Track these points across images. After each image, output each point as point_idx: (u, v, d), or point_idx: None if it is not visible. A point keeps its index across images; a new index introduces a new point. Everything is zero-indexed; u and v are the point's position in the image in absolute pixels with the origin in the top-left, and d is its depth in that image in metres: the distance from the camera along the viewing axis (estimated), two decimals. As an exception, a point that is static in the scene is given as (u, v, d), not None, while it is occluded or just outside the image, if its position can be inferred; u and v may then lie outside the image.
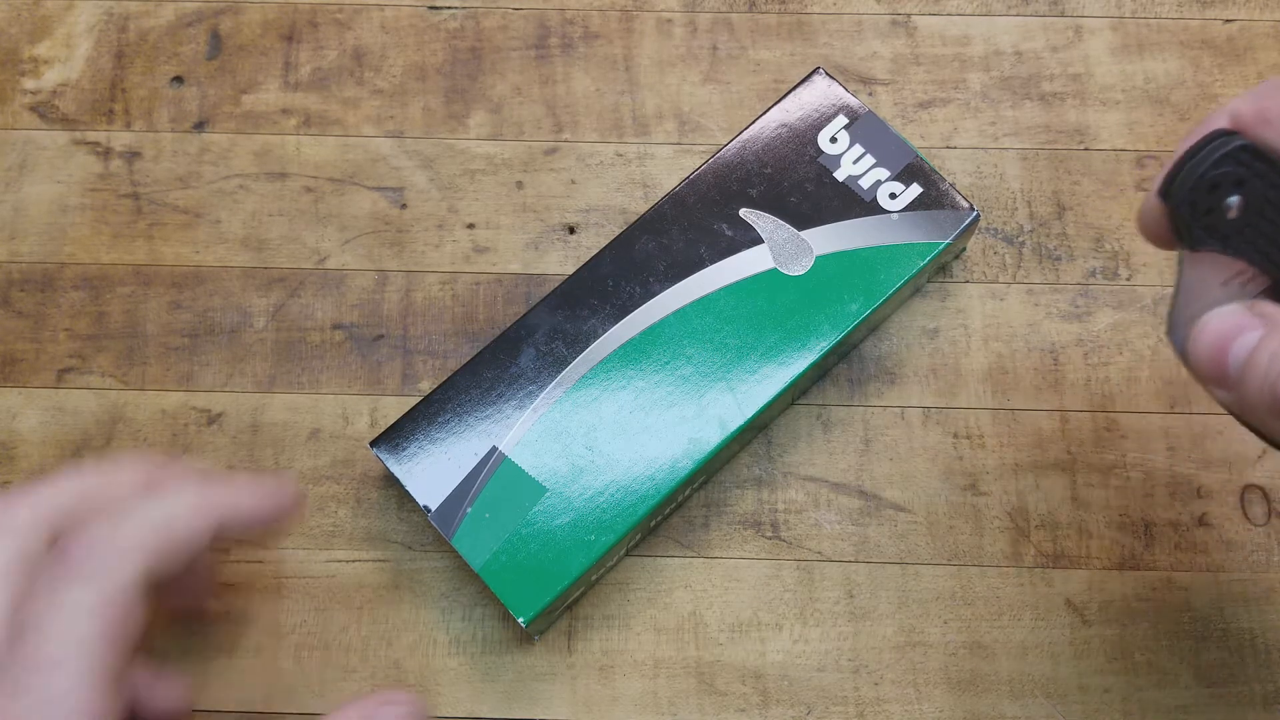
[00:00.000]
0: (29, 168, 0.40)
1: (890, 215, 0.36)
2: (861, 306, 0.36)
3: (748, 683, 0.35)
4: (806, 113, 0.38)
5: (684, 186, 0.37)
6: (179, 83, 0.42)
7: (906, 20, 0.42)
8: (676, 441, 0.34)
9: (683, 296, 0.36)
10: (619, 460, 0.34)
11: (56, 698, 0.24)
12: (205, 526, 0.27)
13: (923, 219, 0.36)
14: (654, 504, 0.34)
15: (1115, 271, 0.39)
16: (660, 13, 0.42)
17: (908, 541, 0.36)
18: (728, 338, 0.35)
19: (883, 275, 0.36)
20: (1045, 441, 0.37)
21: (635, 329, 0.35)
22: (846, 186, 0.37)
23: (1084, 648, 0.35)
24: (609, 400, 0.35)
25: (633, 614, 0.35)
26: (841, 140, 0.37)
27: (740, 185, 0.37)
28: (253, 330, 0.39)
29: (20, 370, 0.38)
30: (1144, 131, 0.40)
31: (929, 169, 0.37)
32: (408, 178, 0.40)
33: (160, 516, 0.26)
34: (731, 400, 0.35)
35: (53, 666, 0.24)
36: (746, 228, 0.36)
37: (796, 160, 0.37)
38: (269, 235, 0.40)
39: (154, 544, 0.26)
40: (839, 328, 0.35)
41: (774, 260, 0.36)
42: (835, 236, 0.36)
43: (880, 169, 0.37)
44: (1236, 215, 0.24)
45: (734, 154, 0.37)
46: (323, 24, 0.42)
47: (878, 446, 0.37)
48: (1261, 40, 0.41)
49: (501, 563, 0.33)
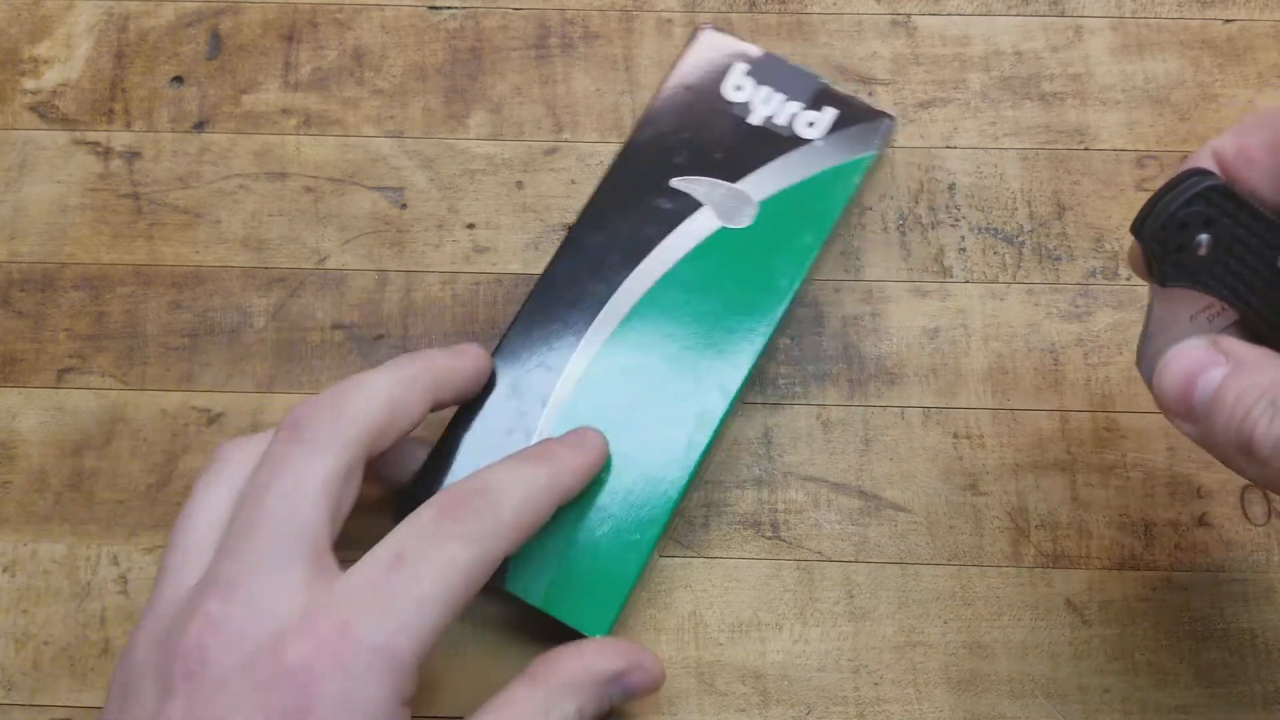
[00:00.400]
0: (29, 168, 0.41)
1: (815, 143, 0.37)
2: (815, 237, 0.36)
3: (748, 683, 0.35)
4: (704, 70, 0.38)
5: (611, 174, 0.37)
6: (179, 83, 0.42)
7: (906, 20, 0.42)
8: (685, 419, 0.34)
9: (645, 280, 0.36)
10: (636, 455, 0.34)
11: (268, 567, 0.26)
12: (421, 398, 0.30)
13: (845, 137, 0.37)
14: (684, 484, 0.34)
15: (1115, 271, 0.39)
16: (660, 13, 0.42)
17: (908, 541, 0.36)
18: (700, 306, 0.35)
19: (825, 202, 0.36)
20: (1045, 441, 0.37)
21: (611, 325, 0.35)
22: (765, 129, 0.37)
23: (1084, 648, 0.35)
24: (607, 401, 0.35)
25: (632, 614, 0.35)
26: (746, 86, 0.38)
27: (663, 156, 0.37)
28: (253, 330, 0.39)
29: (20, 370, 0.38)
30: (1144, 131, 0.40)
31: (837, 90, 0.38)
32: (408, 178, 0.40)
33: (381, 386, 0.29)
34: (724, 364, 0.35)
35: (273, 534, 0.26)
36: (683, 196, 0.36)
37: (709, 117, 0.37)
38: (269, 235, 0.40)
39: (374, 415, 0.29)
40: (800, 262, 0.36)
41: (719, 218, 0.36)
42: (769, 179, 0.37)
43: (792, 103, 0.37)
44: (1205, 253, 0.25)
45: (648, 130, 0.37)
46: (323, 24, 0.42)
47: (878, 446, 0.37)
48: (1261, 40, 0.41)
49: (560, 590, 0.33)
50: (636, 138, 0.37)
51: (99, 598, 0.36)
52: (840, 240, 0.39)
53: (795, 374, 0.38)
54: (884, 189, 0.40)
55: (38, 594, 0.36)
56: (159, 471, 0.37)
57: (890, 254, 0.39)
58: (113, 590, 0.36)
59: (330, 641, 0.25)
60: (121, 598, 0.36)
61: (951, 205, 0.40)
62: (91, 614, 0.35)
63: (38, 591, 0.36)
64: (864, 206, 0.40)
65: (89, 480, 0.37)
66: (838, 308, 0.39)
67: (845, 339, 0.38)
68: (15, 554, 0.36)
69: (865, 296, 0.39)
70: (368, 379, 0.30)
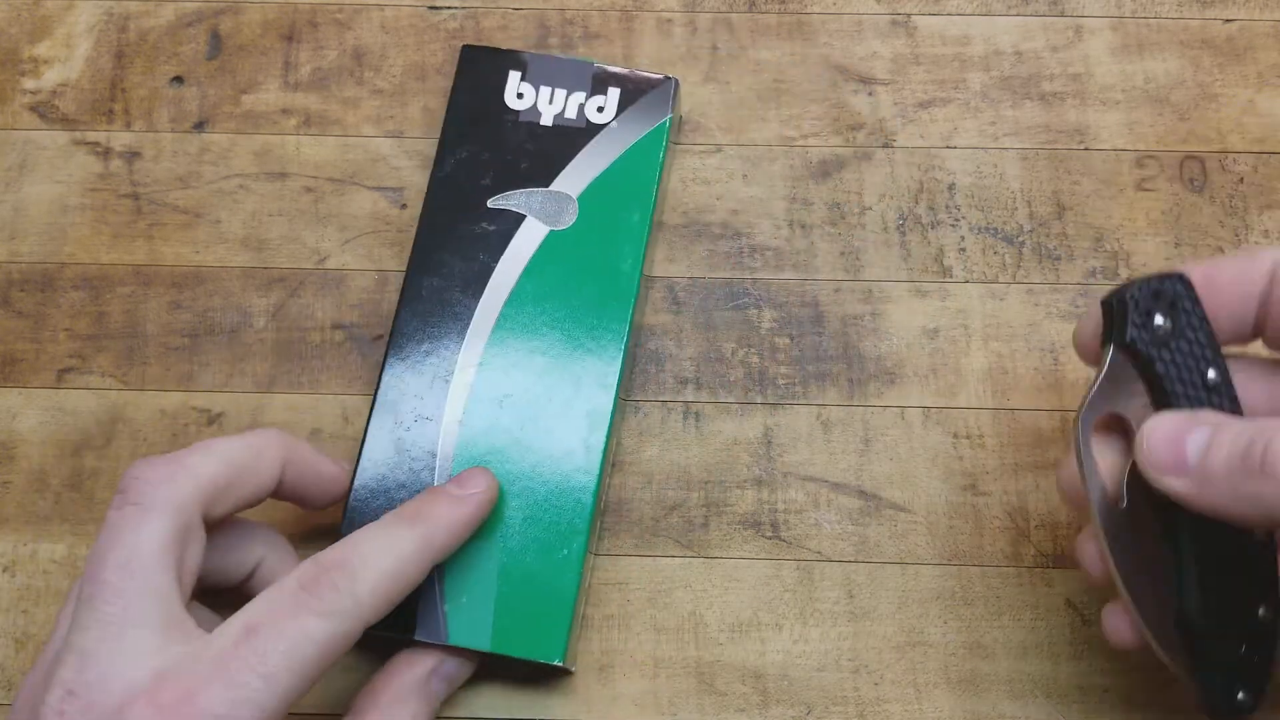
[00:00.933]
0: (29, 168, 0.41)
1: (610, 126, 0.38)
2: (642, 214, 0.37)
3: (748, 683, 0.35)
4: (480, 87, 0.38)
5: (425, 215, 0.37)
6: (179, 83, 0.42)
7: (906, 20, 0.42)
8: (576, 424, 0.35)
9: (494, 305, 0.36)
10: (540, 473, 0.34)
11: (114, 617, 0.26)
12: (270, 466, 0.31)
13: (637, 111, 0.38)
14: (594, 486, 0.34)
15: (1115, 271, 0.39)
16: (660, 12, 0.42)
17: (908, 541, 0.36)
18: (555, 313, 0.36)
19: (639, 178, 0.37)
20: (1045, 441, 0.37)
21: (475, 358, 0.35)
22: (559, 126, 0.38)
23: (1084, 648, 0.35)
24: (495, 432, 0.35)
25: (632, 614, 0.35)
26: (527, 92, 0.38)
27: (471, 181, 0.37)
28: (253, 330, 0.39)
29: (20, 370, 0.38)
30: (1144, 131, 0.40)
31: (612, 70, 0.38)
32: (408, 178, 0.40)
33: (223, 449, 0.30)
34: (596, 360, 0.35)
35: (118, 603, 0.27)
36: (503, 214, 0.37)
37: (501, 131, 0.38)
38: (269, 235, 0.40)
39: (211, 476, 0.29)
40: (636, 242, 0.36)
41: (545, 224, 0.37)
42: (579, 173, 0.37)
43: (575, 94, 0.38)
44: (1160, 333, 0.28)
45: (447, 161, 0.37)
46: (323, 24, 0.42)
47: (877, 446, 0.37)
48: (1261, 40, 0.41)
49: (506, 628, 0.33)
50: (438, 173, 0.37)
51: (99, 598, 0.36)
52: (840, 240, 0.39)
53: (795, 374, 0.38)
54: (884, 189, 0.40)
55: (38, 594, 0.36)
56: (159, 471, 0.37)
57: (890, 254, 0.39)
58: (113, 590, 0.36)
59: (173, 710, 0.25)
60: (121, 598, 0.36)
61: (951, 205, 0.40)
62: (91, 614, 0.35)
63: (38, 591, 0.36)
64: (864, 206, 0.40)
65: (89, 480, 0.37)
66: (838, 308, 0.39)
67: (845, 339, 0.38)
68: (15, 554, 0.36)
69: (865, 296, 0.39)
70: (214, 441, 0.30)
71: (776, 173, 0.40)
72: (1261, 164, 0.40)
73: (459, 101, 0.38)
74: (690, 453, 0.37)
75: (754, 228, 0.40)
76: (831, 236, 0.39)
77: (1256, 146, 0.40)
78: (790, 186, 0.40)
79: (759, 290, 0.39)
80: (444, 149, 0.38)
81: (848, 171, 0.40)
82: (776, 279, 0.39)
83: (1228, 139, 0.40)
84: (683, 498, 0.37)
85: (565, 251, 0.36)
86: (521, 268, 0.36)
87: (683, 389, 0.38)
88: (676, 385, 0.38)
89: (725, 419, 0.37)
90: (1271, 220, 0.39)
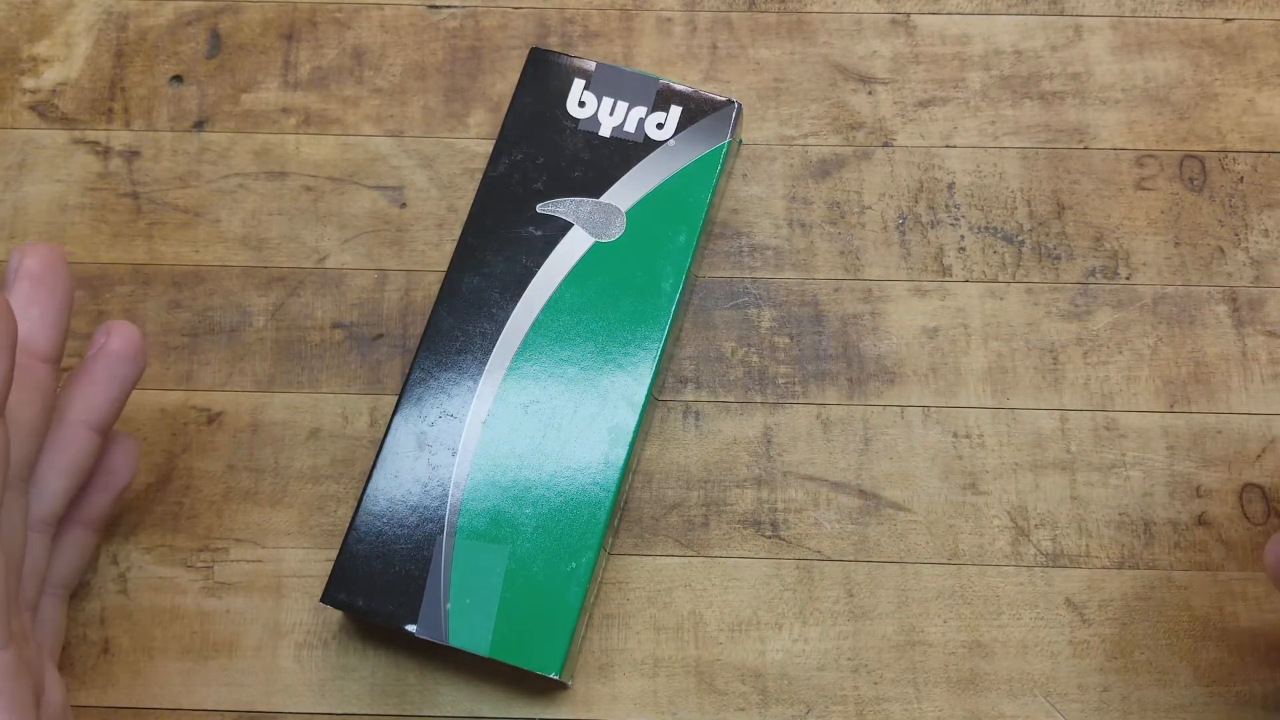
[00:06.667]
0: (28, 167, 0.40)
1: (668, 144, 0.37)
2: (689, 235, 0.36)
3: (747, 682, 0.35)
4: (544, 92, 0.38)
5: (474, 213, 0.37)
6: (178, 82, 0.42)
7: (906, 19, 0.42)
8: (599, 438, 0.34)
9: (531, 311, 0.36)
10: (556, 485, 0.34)
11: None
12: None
13: (696, 132, 0.37)
14: (609, 504, 0.34)
15: (1115, 271, 0.39)
16: (660, 11, 0.42)
17: (907, 541, 0.36)
18: (590, 324, 0.36)
19: (691, 199, 0.37)
20: (1045, 441, 0.37)
21: (505, 362, 0.35)
22: (616, 139, 0.37)
23: (1083, 647, 0.35)
24: (517, 438, 0.34)
25: (632, 613, 0.35)
26: (589, 101, 0.38)
27: (523, 186, 0.37)
28: (252, 329, 0.39)
29: (20, 370, 0.38)
30: (1144, 131, 0.40)
31: (677, 87, 0.38)
32: (407, 177, 0.40)
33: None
34: (626, 376, 0.35)
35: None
36: (552, 220, 0.36)
37: (559, 138, 0.37)
38: (269, 234, 0.40)
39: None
40: (679, 263, 0.36)
41: (592, 235, 0.36)
42: (632, 187, 0.37)
43: (637, 109, 0.38)
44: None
45: (502, 162, 0.37)
46: (322, 23, 0.42)
47: (877, 446, 0.37)
48: (1261, 39, 0.41)
49: (504, 636, 0.32)
50: (491, 172, 0.37)
51: (99, 597, 0.36)
52: (840, 239, 0.39)
53: (795, 373, 0.38)
54: (884, 188, 0.40)
55: (38, 593, 0.36)
56: (159, 471, 0.37)
57: (890, 253, 0.39)
58: (112, 590, 0.36)
59: None
60: (121, 597, 0.36)
61: (951, 204, 0.40)
62: (91, 614, 0.35)
63: (38, 591, 0.36)
64: (864, 205, 0.40)
65: (89, 480, 0.37)
66: (837, 307, 0.39)
67: (845, 338, 0.38)
68: (15, 553, 0.36)
69: (865, 296, 0.39)
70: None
71: (776, 172, 0.40)
72: (1261, 163, 0.40)
73: (521, 103, 0.38)
74: (690, 452, 0.37)
75: (754, 227, 0.40)
76: (831, 236, 0.39)
77: (1256, 146, 0.40)
78: (790, 185, 0.40)
79: (759, 289, 0.39)
80: (500, 149, 0.37)
81: (847, 171, 0.40)
82: (776, 278, 0.39)
83: (1227, 138, 0.40)
84: (682, 497, 0.37)
85: (608, 264, 0.36)
86: (563, 276, 0.36)
87: (682, 388, 0.38)
88: (676, 384, 0.38)
89: (725, 418, 0.37)
90: (1271, 219, 0.39)
